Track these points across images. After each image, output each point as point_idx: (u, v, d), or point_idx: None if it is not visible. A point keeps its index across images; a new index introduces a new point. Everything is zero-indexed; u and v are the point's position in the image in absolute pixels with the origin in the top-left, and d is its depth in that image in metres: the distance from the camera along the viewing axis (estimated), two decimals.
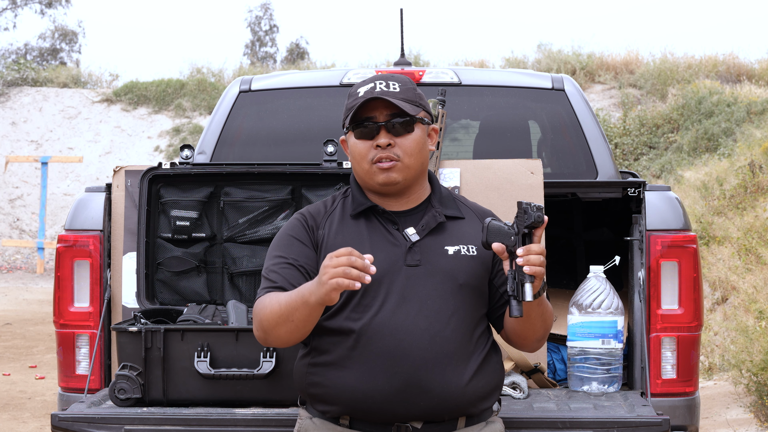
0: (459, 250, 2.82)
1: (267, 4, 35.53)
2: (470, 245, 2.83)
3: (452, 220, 2.87)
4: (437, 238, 2.83)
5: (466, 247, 2.83)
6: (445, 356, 2.73)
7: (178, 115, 21.58)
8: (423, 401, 2.73)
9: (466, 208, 2.93)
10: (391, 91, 2.81)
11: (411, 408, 2.74)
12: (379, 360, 2.71)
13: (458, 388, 2.75)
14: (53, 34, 31.56)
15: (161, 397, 3.42)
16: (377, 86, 2.81)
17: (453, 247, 2.82)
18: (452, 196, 2.93)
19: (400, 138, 2.80)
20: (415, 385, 2.72)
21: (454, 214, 2.88)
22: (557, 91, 4.66)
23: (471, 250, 2.83)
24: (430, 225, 2.83)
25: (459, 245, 2.82)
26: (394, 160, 2.80)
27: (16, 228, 19.65)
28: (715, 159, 14.64)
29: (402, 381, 2.72)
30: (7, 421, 6.95)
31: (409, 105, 2.81)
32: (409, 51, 21.85)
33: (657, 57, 20.52)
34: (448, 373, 2.74)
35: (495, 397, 2.87)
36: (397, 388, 2.72)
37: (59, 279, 3.83)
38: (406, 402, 2.73)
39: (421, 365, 2.72)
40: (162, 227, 3.86)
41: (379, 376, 2.72)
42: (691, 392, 3.72)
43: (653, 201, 3.73)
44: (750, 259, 9.19)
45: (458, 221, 2.88)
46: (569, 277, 4.43)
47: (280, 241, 2.85)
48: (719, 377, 7.73)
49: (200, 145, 4.62)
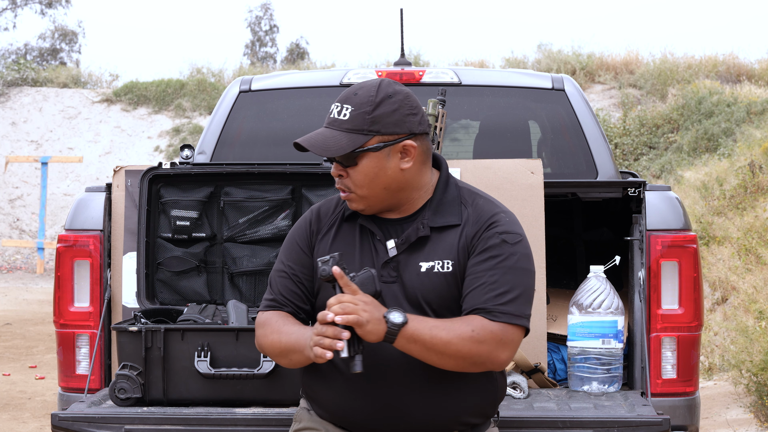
0: (432, 267, 2.66)
1: (267, 4, 35.54)
2: (447, 260, 2.67)
3: (440, 231, 2.70)
4: (416, 252, 2.68)
5: (441, 263, 2.67)
6: (424, 377, 2.64)
7: (178, 115, 21.58)
8: (404, 423, 2.68)
9: (470, 212, 2.72)
10: (339, 119, 2.65)
11: (394, 428, 2.69)
12: (359, 380, 2.64)
13: (440, 408, 2.67)
14: (53, 34, 31.56)
15: (161, 396, 3.42)
16: (333, 111, 2.68)
17: (427, 263, 2.67)
18: (459, 200, 2.73)
19: (349, 169, 2.67)
20: (395, 407, 2.67)
21: (444, 223, 2.70)
22: (557, 91, 4.66)
23: (446, 266, 2.66)
24: (410, 239, 2.69)
25: (435, 261, 2.67)
26: (347, 191, 2.70)
27: (16, 228, 19.65)
28: (715, 159, 14.63)
29: (382, 402, 2.67)
30: (7, 421, 6.95)
31: (354, 135, 2.64)
32: (409, 51, 21.84)
33: (657, 57, 20.53)
34: (429, 393, 2.66)
35: (488, 412, 2.78)
36: (377, 409, 2.68)
37: (59, 279, 3.83)
38: (387, 421, 2.69)
39: (399, 386, 2.66)
40: (162, 227, 3.86)
41: (359, 396, 2.68)
42: (692, 392, 3.72)
43: (653, 201, 3.73)
44: (750, 259, 9.19)
45: (448, 231, 2.70)
46: (569, 277, 4.43)
47: (286, 242, 2.85)
48: (719, 377, 7.72)
49: (200, 145, 4.62)
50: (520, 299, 2.63)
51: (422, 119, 2.71)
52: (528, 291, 2.67)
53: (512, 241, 2.67)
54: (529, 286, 2.68)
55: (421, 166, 2.72)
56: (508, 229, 2.68)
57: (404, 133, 2.67)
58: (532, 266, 2.70)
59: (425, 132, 2.72)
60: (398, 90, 2.70)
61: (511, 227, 2.69)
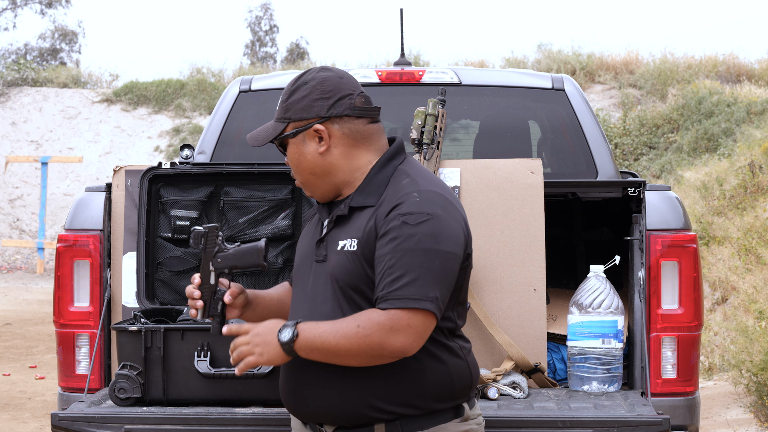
0: (344, 246, 2.62)
1: (267, 4, 35.54)
2: (354, 239, 2.61)
3: (360, 211, 2.65)
4: (338, 232, 2.66)
5: (350, 242, 2.62)
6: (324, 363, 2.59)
7: (178, 115, 21.58)
8: (313, 405, 2.65)
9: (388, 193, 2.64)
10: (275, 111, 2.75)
11: (306, 409, 2.67)
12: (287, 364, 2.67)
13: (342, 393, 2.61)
14: (53, 34, 31.56)
15: (161, 396, 3.42)
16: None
17: (342, 241, 2.64)
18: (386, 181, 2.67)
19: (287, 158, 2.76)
20: (303, 389, 2.65)
21: (363, 203, 2.65)
22: (557, 91, 4.67)
23: (352, 245, 2.61)
24: (333, 219, 2.69)
25: (347, 239, 2.63)
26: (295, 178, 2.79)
27: (16, 228, 19.65)
28: (715, 159, 14.64)
29: (293, 384, 2.67)
30: (7, 421, 6.95)
31: (276, 124, 2.72)
32: (409, 51, 21.85)
33: (657, 57, 20.54)
34: (330, 378, 2.60)
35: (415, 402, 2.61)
36: (290, 390, 2.69)
37: (59, 279, 3.83)
38: (300, 403, 2.67)
39: (304, 370, 2.64)
40: (162, 227, 3.86)
41: (283, 379, 2.72)
42: (691, 392, 3.72)
43: (653, 201, 3.73)
44: (750, 260, 9.19)
45: (365, 211, 2.64)
46: (569, 277, 4.43)
47: None
48: (719, 377, 7.73)
49: (200, 145, 4.62)
50: (418, 281, 2.52)
51: (338, 103, 2.66)
52: (430, 272, 2.53)
53: (414, 222, 2.55)
54: (434, 266, 2.54)
55: (348, 149, 2.69)
56: (412, 209, 2.57)
57: (312, 117, 2.67)
58: (442, 245, 2.55)
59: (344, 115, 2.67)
60: (316, 76, 2.69)
61: (416, 207, 2.57)
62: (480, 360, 3.76)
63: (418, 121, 3.90)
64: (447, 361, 2.63)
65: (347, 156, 2.69)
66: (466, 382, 2.67)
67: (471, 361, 2.70)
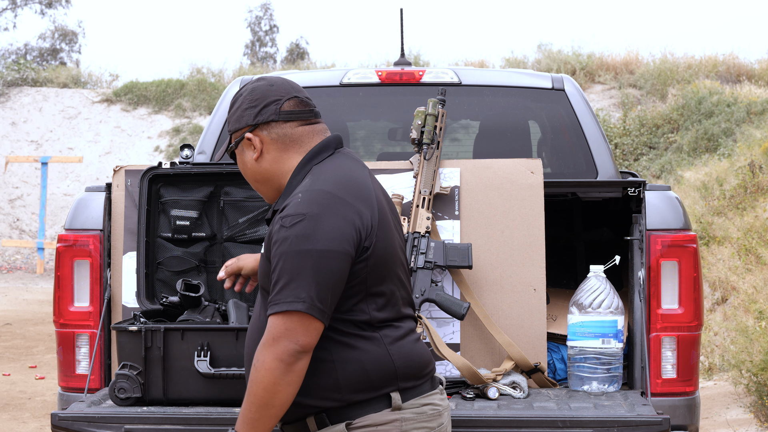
0: (261, 250, 2.74)
1: (267, 4, 35.56)
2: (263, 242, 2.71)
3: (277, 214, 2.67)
4: None
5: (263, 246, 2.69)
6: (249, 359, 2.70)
7: (178, 115, 21.58)
8: None
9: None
10: None
11: None
12: None
13: None
14: (53, 34, 31.57)
15: (161, 396, 3.42)
16: None
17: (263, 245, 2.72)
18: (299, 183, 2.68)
19: None
20: None
21: (277, 207, 2.69)
22: (557, 91, 4.67)
23: (262, 248, 2.72)
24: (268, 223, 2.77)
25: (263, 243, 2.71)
26: None
27: (16, 228, 19.65)
28: (715, 159, 14.64)
29: None
30: (7, 421, 6.95)
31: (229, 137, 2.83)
32: (409, 51, 21.86)
33: (657, 57, 20.54)
34: None
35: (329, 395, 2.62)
36: None
37: (59, 279, 3.83)
38: None
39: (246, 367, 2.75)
40: (162, 227, 3.86)
41: None
42: (691, 392, 3.72)
43: (653, 201, 3.73)
44: (750, 260, 9.20)
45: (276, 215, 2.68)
46: (569, 277, 4.43)
47: None
48: (719, 377, 7.73)
49: (200, 145, 4.62)
50: (291, 284, 2.53)
51: (263, 110, 2.72)
52: (303, 273, 2.53)
53: (288, 224, 2.56)
54: (305, 266, 2.53)
55: (279, 154, 2.74)
56: (289, 211, 2.58)
57: (242, 127, 2.76)
58: (314, 244, 2.53)
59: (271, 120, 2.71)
60: (248, 87, 2.80)
61: (294, 209, 2.58)
62: (480, 360, 3.76)
63: (418, 121, 3.90)
64: (359, 353, 2.62)
65: (278, 161, 2.75)
66: (386, 371, 2.63)
67: (396, 349, 2.65)
